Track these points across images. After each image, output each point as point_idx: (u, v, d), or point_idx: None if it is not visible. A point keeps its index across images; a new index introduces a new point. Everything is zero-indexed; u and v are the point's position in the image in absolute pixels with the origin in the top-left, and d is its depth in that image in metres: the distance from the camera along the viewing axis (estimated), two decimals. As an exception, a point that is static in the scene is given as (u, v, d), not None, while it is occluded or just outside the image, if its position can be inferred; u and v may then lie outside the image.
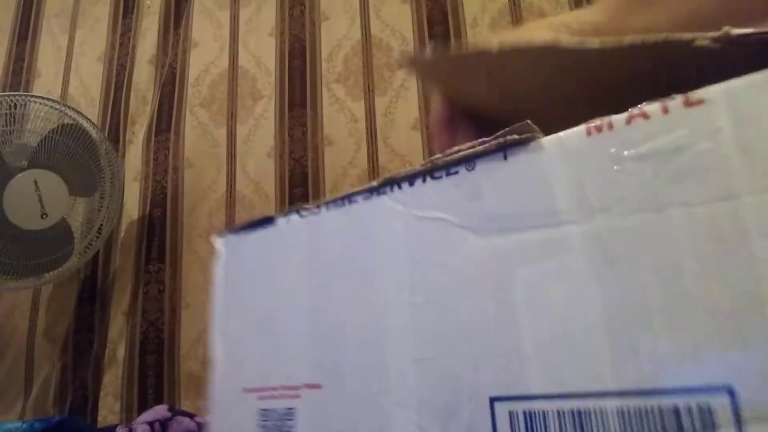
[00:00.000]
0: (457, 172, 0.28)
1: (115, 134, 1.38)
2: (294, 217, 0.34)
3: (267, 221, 0.36)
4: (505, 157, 0.27)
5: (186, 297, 1.22)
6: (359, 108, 1.21)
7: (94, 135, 1.14)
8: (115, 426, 1.03)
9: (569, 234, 0.24)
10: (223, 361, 0.36)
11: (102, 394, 1.21)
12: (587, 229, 0.24)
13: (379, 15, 1.24)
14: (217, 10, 1.38)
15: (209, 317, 0.36)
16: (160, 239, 1.27)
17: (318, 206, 0.34)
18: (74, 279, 1.31)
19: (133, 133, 1.38)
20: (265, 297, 0.35)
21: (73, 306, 1.30)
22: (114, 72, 1.44)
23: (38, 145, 1.07)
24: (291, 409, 0.31)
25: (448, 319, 0.27)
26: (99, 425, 1.18)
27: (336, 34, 1.27)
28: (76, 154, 1.11)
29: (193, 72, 1.35)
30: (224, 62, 1.34)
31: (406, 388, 0.27)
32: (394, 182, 0.30)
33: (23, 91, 1.46)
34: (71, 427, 0.96)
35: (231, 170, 1.27)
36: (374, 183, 0.31)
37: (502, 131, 0.27)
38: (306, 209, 0.34)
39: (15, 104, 1.07)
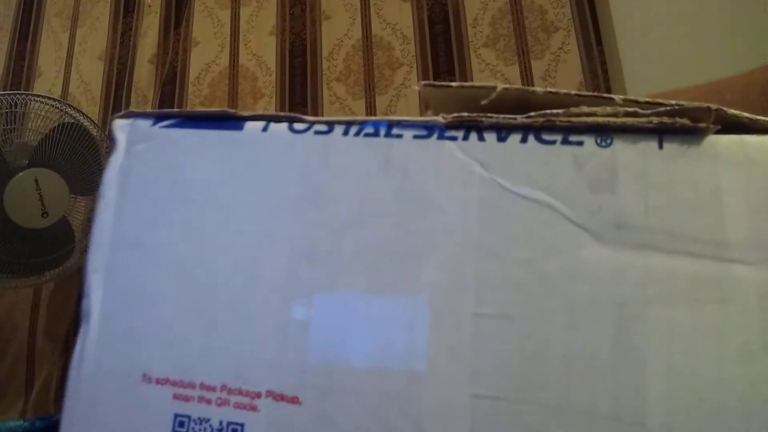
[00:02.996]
0: (581, 143, 0.20)
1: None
2: (279, 127, 0.23)
3: (225, 120, 0.23)
4: (661, 145, 0.19)
5: (187, 296, 1.22)
6: (360, 106, 1.20)
7: (95, 134, 1.14)
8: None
9: (738, 278, 0.17)
10: (104, 319, 0.23)
11: (103, 392, 1.22)
12: (765, 280, 0.17)
13: (379, 14, 1.24)
14: (218, 9, 1.38)
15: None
16: (160, 238, 1.27)
17: (329, 123, 0.22)
18: (75, 277, 1.31)
19: (134, 131, 1.38)
20: (202, 238, 0.22)
21: (74, 304, 1.30)
22: (115, 71, 1.44)
23: (39, 144, 1.07)
24: (237, 425, 0.21)
25: (530, 349, 0.19)
26: (100, 424, 1.18)
27: (337, 33, 1.27)
28: (76, 153, 1.11)
29: (193, 71, 1.35)
30: (225, 61, 1.34)
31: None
32: (473, 128, 0.20)
33: (24, 90, 1.46)
34: (72, 425, 0.96)
35: (232, 169, 1.27)
36: (439, 118, 0.21)
37: (663, 108, 0.19)
38: (304, 121, 0.22)
39: (15, 103, 1.07)
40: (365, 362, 0.20)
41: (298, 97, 1.26)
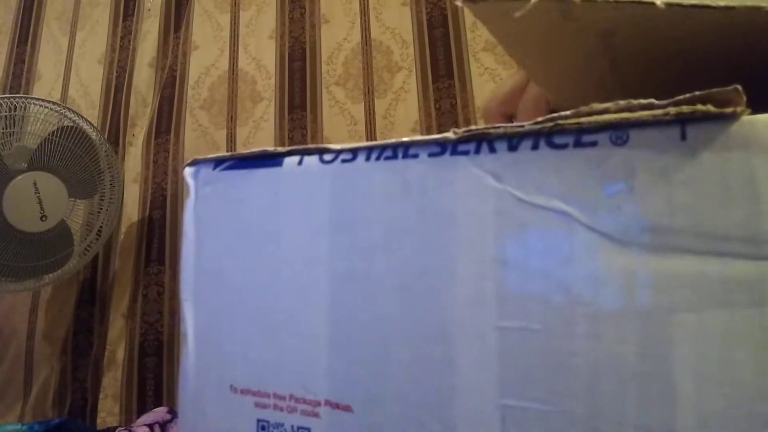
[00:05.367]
0: (594, 144, 0.18)
1: (115, 136, 1.38)
2: (311, 159, 0.24)
3: (267, 158, 0.25)
4: (684, 136, 0.17)
5: (185, 299, 1.22)
6: (359, 110, 1.21)
7: (94, 137, 1.15)
8: (115, 428, 1.03)
9: None
10: (197, 341, 0.27)
11: (101, 396, 1.21)
12: None
13: (379, 18, 1.25)
14: (218, 13, 1.38)
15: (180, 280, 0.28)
16: (159, 241, 1.27)
17: (352, 151, 0.23)
18: (74, 281, 1.31)
19: (133, 135, 1.38)
20: (261, 266, 0.25)
21: (72, 308, 1.30)
22: (114, 74, 1.44)
23: (38, 147, 1.07)
24: (305, 429, 0.23)
25: (555, 361, 0.19)
26: (98, 427, 1.17)
27: (336, 37, 1.27)
28: (75, 157, 1.11)
29: (193, 74, 1.36)
30: (224, 65, 1.34)
31: None
32: (483, 140, 0.20)
33: (23, 94, 1.46)
34: (70, 429, 0.96)
35: (231, 172, 1.27)
36: (450, 134, 0.21)
37: (684, 95, 0.17)
38: (331, 151, 0.24)
39: (15, 106, 1.07)
40: (404, 373, 0.21)
41: (298, 101, 1.26)
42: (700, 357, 0.17)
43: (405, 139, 0.22)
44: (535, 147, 0.19)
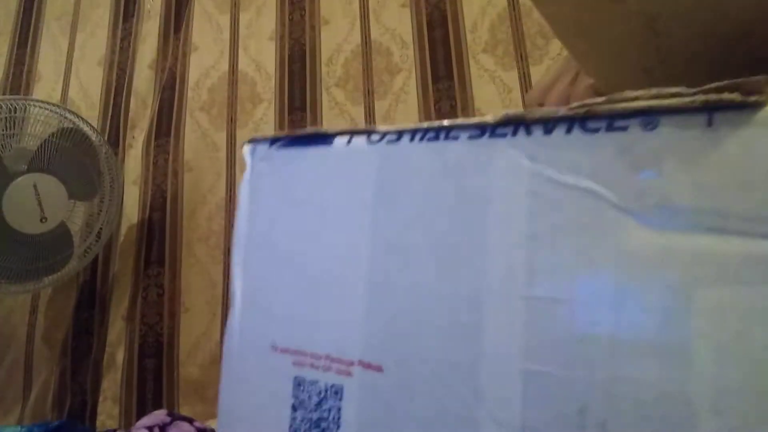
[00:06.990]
0: (625, 128, 0.19)
1: (115, 138, 1.38)
2: (359, 140, 0.26)
3: (319, 138, 0.27)
4: (710, 123, 0.18)
5: (185, 301, 1.22)
6: (359, 112, 1.21)
7: (94, 139, 1.14)
8: (114, 430, 1.03)
9: None
10: (244, 302, 0.29)
11: (101, 398, 1.21)
12: None
13: (378, 19, 1.24)
14: (218, 14, 1.38)
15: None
16: (159, 243, 1.27)
17: (398, 132, 0.25)
18: (73, 283, 1.31)
19: (133, 137, 1.38)
20: (307, 236, 0.27)
21: (72, 310, 1.30)
22: (114, 76, 1.44)
23: (38, 149, 1.07)
24: (338, 387, 0.25)
25: (578, 328, 0.20)
26: (98, 430, 1.17)
27: (336, 38, 1.27)
28: (75, 158, 1.11)
29: (193, 76, 1.35)
30: (224, 66, 1.34)
31: (507, 404, 0.21)
32: (520, 123, 0.22)
33: (23, 95, 1.46)
34: (70, 431, 0.96)
35: (231, 174, 1.27)
36: (488, 118, 0.22)
37: (711, 84, 0.18)
38: (378, 132, 0.26)
39: (15, 108, 1.07)
40: (435, 337, 0.23)
41: (298, 103, 1.26)
42: (718, 331, 0.17)
43: (446, 122, 0.24)
44: (569, 131, 0.21)
